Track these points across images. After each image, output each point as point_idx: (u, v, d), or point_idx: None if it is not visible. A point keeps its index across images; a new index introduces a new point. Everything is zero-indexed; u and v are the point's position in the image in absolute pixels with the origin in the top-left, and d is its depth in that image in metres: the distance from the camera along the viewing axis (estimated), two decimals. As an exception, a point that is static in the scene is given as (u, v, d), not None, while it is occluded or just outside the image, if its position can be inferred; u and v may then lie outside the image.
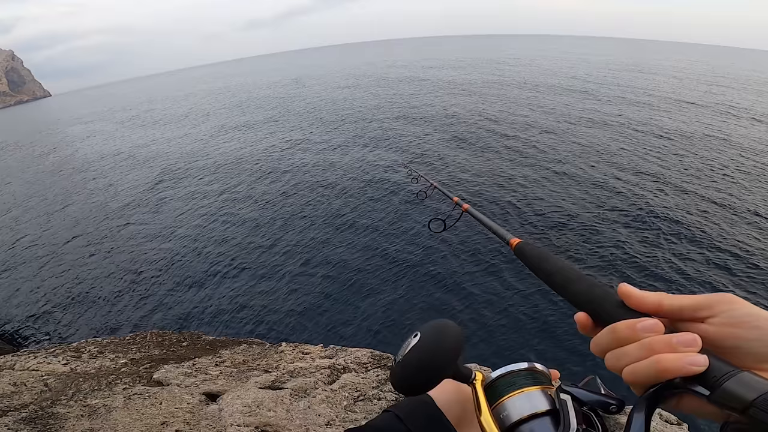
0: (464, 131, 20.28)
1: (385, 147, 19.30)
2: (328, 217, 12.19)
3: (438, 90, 35.13)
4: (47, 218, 17.04)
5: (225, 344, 4.57)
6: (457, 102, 28.72)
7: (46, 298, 10.49)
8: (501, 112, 24.60)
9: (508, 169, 14.06)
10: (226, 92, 60.01)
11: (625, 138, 18.01)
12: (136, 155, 26.03)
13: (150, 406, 3.16)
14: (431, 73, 48.22)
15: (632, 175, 13.51)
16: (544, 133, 18.99)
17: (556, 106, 25.50)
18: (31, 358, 3.72)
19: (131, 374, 3.75)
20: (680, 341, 0.45)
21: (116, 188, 19.55)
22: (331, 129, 24.53)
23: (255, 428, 3.10)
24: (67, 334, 8.77)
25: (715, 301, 0.48)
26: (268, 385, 3.74)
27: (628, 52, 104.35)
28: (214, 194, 16.23)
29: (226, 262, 10.58)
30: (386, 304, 7.75)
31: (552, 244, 8.95)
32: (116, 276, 11.03)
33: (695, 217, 10.49)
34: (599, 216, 10.67)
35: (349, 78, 56.60)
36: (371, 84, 45.05)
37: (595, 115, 22.74)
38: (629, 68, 51.57)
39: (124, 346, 4.48)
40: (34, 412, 2.59)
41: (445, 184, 10.12)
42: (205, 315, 8.52)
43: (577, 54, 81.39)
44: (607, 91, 31.44)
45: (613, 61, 63.18)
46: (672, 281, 8.10)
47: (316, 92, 43.52)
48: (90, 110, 68.32)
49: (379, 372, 3.36)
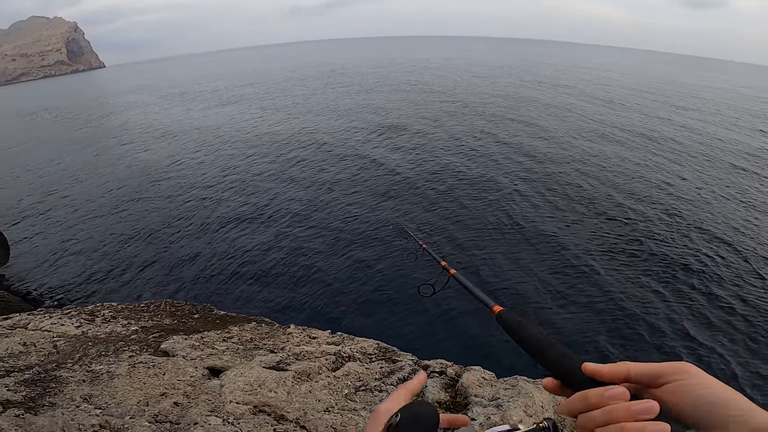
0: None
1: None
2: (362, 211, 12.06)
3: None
4: (82, 182, 17.66)
5: (235, 320, 4.57)
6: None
7: (74, 259, 10.90)
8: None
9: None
10: (269, 75, 60.26)
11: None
12: (175, 127, 26.55)
13: (153, 376, 3.16)
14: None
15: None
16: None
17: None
18: (46, 318, 3.80)
19: (140, 342, 3.79)
20: (638, 410, 0.51)
21: (153, 158, 20.04)
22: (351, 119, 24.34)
23: (254, 407, 3.06)
24: (86, 296, 9.08)
25: (672, 371, 0.55)
26: (273, 365, 3.71)
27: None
28: (247, 172, 16.37)
29: (249, 239, 10.70)
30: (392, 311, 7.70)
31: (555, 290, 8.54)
32: (142, 243, 11.33)
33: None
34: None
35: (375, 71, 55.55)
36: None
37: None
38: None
39: (137, 313, 4.54)
40: (38, 374, 2.60)
41: (435, 244, 9.70)
42: (220, 288, 8.63)
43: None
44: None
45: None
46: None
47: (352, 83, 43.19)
48: (139, 83, 70.17)
49: (383, 364, 3.25)
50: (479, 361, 2.93)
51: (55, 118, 38.70)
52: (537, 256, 9.62)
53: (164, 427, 2.39)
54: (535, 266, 9.21)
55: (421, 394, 3.22)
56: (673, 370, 0.55)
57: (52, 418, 2.08)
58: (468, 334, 6.91)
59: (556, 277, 8.82)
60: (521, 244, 10.12)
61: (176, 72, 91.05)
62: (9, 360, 2.74)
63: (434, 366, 3.06)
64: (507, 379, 2.67)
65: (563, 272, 9.02)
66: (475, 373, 2.82)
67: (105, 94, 60.61)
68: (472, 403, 2.63)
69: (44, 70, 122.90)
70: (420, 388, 0.73)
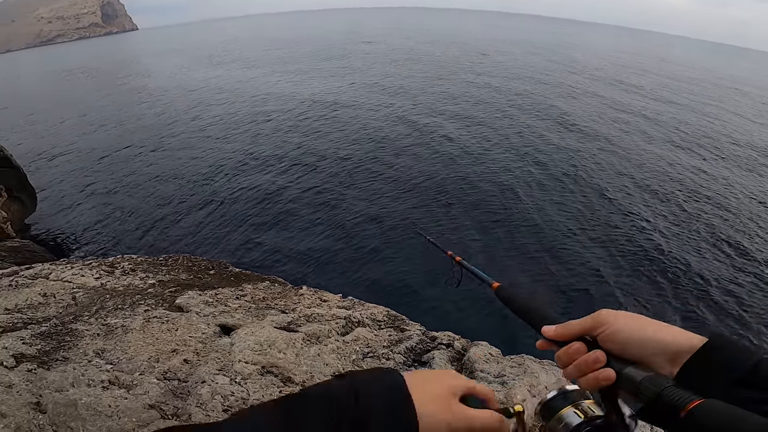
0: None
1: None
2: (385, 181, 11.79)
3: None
4: (109, 137, 17.97)
5: (249, 278, 4.63)
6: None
7: (98, 210, 11.25)
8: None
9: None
10: (297, 41, 58.39)
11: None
12: (204, 89, 26.49)
13: (165, 332, 3.24)
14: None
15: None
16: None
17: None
18: (68, 268, 3.90)
19: (156, 296, 3.89)
20: (592, 360, 0.63)
21: (178, 116, 20.15)
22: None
23: (261, 368, 3.11)
24: (107, 248, 9.39)
25: (595, 323, 0.66)
26: (284, 326, 3.75)
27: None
28: (270, 133, 16.29)
29: (269, 200, 10.77)
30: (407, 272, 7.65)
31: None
32: (164, 198, 11.56)
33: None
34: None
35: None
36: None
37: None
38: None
39: (155, 267, 4.64)
40: (54, 327, 2.68)
41: (440, 236, 9.30)
42: (236, 246, 8.81)
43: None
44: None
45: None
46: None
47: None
48: (169, 46, 69.57)
49: (392, 332, 3.23)
50: (487, 338, 2.87)
51: (87, 77, 39.06)
52: (534, 238, 9.40)
53: (172, 384, 2.45)
54: (531, 246, 9.05)
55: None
56: (596, 323, 0.66)
57: (63, 373, 2.14)
58: (476, 311, 6.90)
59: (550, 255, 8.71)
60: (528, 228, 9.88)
61: (208, 35, 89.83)
62: (28, 311, 2.83)
63: (442, 338, 3.02)
64: (513, 357, 2.62)
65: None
66: (482, 348, 2.77)
67: (136, 55, 60.58)
68: (478, 378, 2.59)
69: (79, 32, 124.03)
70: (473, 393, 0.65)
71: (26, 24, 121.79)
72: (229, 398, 2.53)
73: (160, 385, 2.37)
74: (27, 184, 10.76)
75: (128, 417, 1.91)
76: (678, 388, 0.54)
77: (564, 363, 0.67)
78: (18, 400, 1.75)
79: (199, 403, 2.30)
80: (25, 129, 20.65)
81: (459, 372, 2.98)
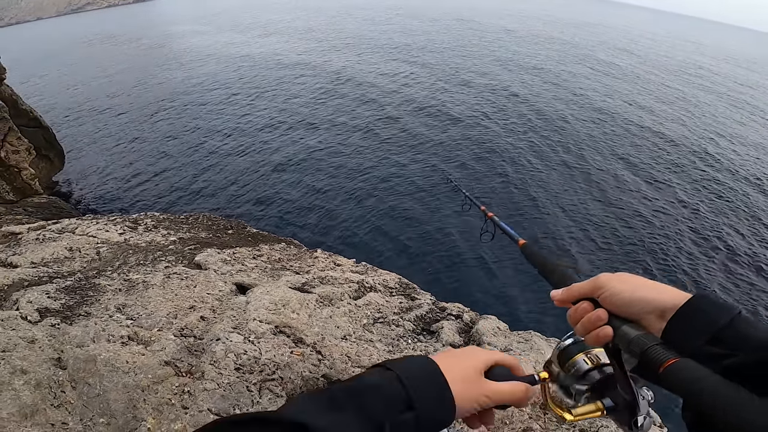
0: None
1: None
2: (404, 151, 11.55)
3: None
4: (136, 99, 18.08)
5: (266, 239, 4.70)
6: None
7: (122, 170, 11.49)
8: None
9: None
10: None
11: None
12: (226, 56, 26.07)
13: (185, 288, 3.36)
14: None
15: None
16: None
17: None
18: (93, 223, 4.04)
19: (176, 253, 4.02)
20: (595, 318, 0.68)
21: (209, 84, 19.93)
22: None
23: (275, 327, 3.20)
24: (131, 205, 9.66)
25: (595, 286, 0.70)
26: (298, 286, 3.83)
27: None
28: (296, 104, 15.98)
29: (288, 164, 10.78)
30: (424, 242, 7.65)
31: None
32: (186, 158, 11.73)
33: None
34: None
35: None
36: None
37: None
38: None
39: (177, 224, 4.76)
40: (78, 281, 2.79)
41: (474, 191, 9.09)
42: (255, 207, 8.93)
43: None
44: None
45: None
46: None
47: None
48: (198, 13, 68.13)
49: (403, 300, 3.25)
50: (495, 311, 2.86)
51: (113, 44, 38.90)
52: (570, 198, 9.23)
53: (188, 341, 2.55)
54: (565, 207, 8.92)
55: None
56: (595, 285, 0.70)
57: (84, 328, 2.24)
58: (489, 284, 6.90)
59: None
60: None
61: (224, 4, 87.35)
62: (54, 265, 2.96)
63: (451, 309, 3.03)
64: (521, 333, 2.61)
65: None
66: (491, 322, 2.76)
67: (161, 22, 59.70)
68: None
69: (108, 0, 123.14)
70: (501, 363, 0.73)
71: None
72: (241, 356, 2.63)
73: (177, 341, 2.47)
74: (55, 143, 11.10)
75: (144, 373, 2.01)
76: (661, 347, 0.57)
77: (573, 321, 0.72)
78: (40, 356, 1.86)
79: (212, 360, 2.40)
80: (57, 92, 21.00)
81: (467, 343, 3.01)
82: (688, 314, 0.61)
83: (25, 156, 8.73)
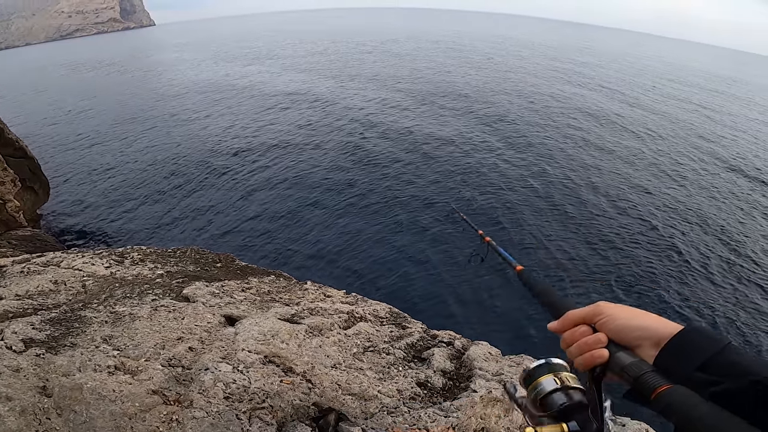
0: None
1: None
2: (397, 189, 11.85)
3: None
4: (120, 131, 18.23)
5: (255, 272, 4.69)
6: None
7: (108, 202, 11.37)
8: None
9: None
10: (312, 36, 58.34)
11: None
12: (216, 84, 26.83)
13: (172, 320, 3.31)
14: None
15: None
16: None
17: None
18: (79, 257, 4.00)
19: (164, 286, 3.97)
20: (594, 341, 0.72)
21: (197, 112, 20.33)
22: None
23: (264, 357, 3.16)
24: (117, 238, 9.50)
25: (593, 312, 0.76)
26: (288, 317, 3.80)
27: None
28: (287, 131, 16.36)
29: (276, 197, 10.87)
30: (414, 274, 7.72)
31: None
32: (174, 191, 11.72)
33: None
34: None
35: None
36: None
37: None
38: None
39: (164, 258, 4.73)
40: (64, 313, 2.75)
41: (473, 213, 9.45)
42: (243, 241, 8.90)
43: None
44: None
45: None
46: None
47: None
48: (185, 41, 70.52)
49: (393, 329, 3.26)
50: (487, 338, 2.88)
51: (99, 71, 39.72)
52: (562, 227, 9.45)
53: (176, 371, 2.51)
54: (559, 235, 9.10)
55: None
56: (594, 312, 0.76)
57: (71, 358, 2.20)
58: (481, 310, 6.91)
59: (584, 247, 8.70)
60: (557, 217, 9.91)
61: (214, 33, 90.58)
62: (38, 297, 2.91)
63: (442, 336, 3.04)
64: (512, 357, 2.63)
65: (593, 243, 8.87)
66: (482, 348, 2.78)
67: (148, 50, 61.45)
68: (476, 375, 2.61)
69: (97, 26, 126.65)
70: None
71: (46, 17, 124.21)
72: (230, 386, 2.58)
73: (165, 371, 2.43)
74: (40, 174, 10.92)
75: (131, 401, 1.97)
76: (654, 374, 0.61)
77: (568, 343, 0.76)
78: (24, 383, 1.82)
79: (201, 389, 2.36)
80: (42, 120, 21.07)
81: (458, 369, 3.01)
82: (680, 344, 0.65)
83: (10, 188, 8.50)
